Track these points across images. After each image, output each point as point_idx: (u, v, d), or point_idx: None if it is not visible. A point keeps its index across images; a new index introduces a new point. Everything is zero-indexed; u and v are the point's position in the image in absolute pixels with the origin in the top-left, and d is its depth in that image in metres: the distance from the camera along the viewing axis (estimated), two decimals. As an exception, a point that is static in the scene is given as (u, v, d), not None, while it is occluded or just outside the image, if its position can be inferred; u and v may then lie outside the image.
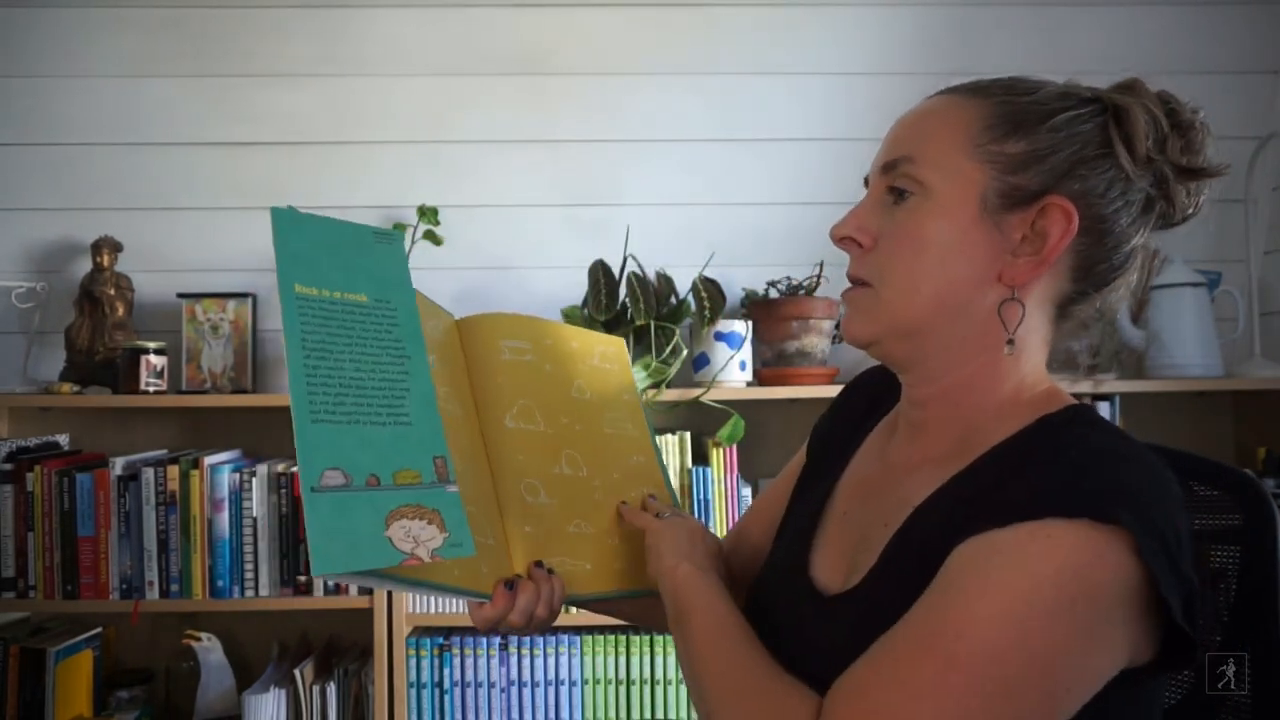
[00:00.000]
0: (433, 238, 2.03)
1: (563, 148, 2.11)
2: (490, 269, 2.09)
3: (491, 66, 2.10)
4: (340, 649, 1.94)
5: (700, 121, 2.11)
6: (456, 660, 1.81)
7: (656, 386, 1.83)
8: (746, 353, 1.90)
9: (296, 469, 1.77)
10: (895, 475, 0.76)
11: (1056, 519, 0.58)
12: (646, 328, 1.87)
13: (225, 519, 1.77)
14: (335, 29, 2.09)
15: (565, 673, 1.81)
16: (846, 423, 0.90)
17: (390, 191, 2.08)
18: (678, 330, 1.90)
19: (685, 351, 1.91)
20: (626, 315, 1.91)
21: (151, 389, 1.86)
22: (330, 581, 1.77)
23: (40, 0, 2.06)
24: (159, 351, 1.89)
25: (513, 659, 1.82)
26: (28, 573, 1.75)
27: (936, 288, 0.69)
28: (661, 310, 1.89)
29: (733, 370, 1.87)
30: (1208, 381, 1.87)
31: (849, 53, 2.12)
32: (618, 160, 2.11)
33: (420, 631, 1.85)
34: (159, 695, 1.93)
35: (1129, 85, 0.70)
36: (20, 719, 1.72)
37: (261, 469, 1.79)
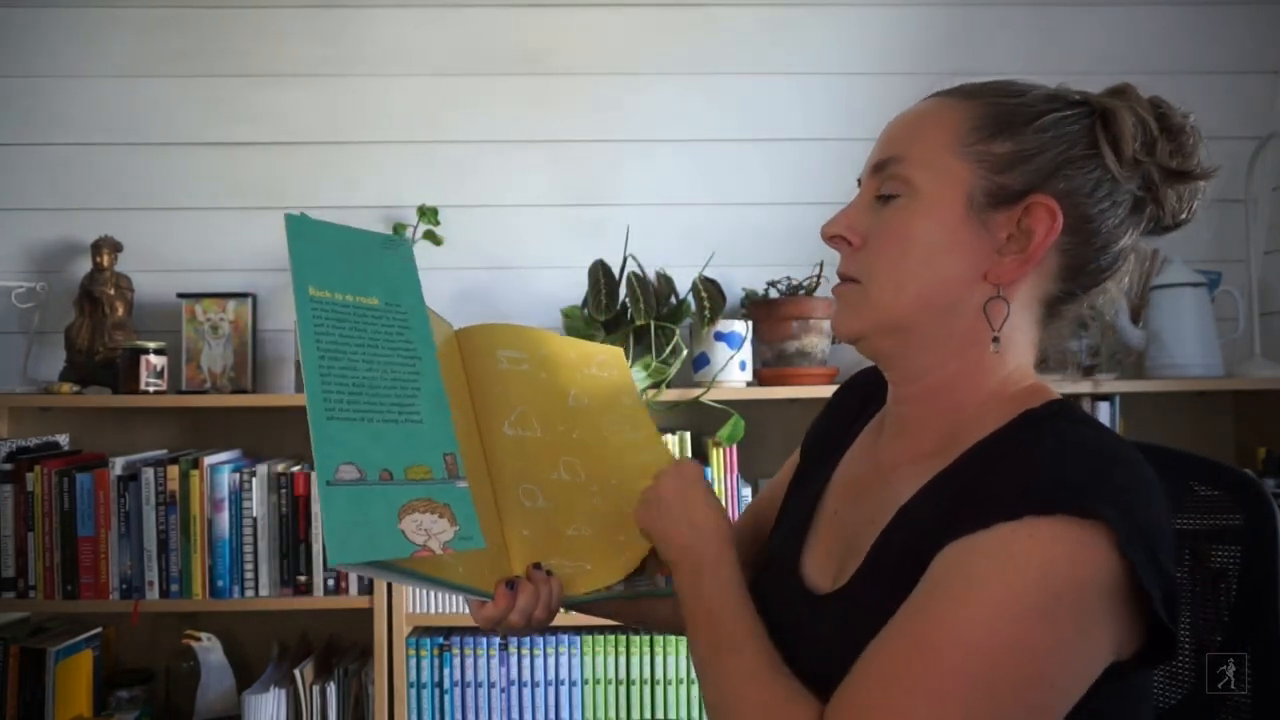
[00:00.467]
0: (433, 238, 2.03)
1: (563, 148, 2.11)
2: (490, 269, 2.09)
3: (491, 66, 2.10)
4: (340, 649, 1.94)
5: (700, 121, 2.11)
6: (456, 660, 1.81)
7: (656, 386, 1.83)
8: (746, 353, 1.90)
9: (298, 469, 1.78)
10: (882, 474, 0.77)
11: (1037, 517, 0.59)
12: (646, 328, 1.87)
13: (225, 519, 1.77)
14: (334, 28, 2.09)
15: (565, 673, 1.81)
16: (840, 422, 0.91)
17: (390, 191, 2.08)
18: (678, 330, 1.91)
19: (685, 351, 1.91)
20: (626, 315, 1.91)
21: (151, 389, 1.86)
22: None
23: (38, 0, 2.06)
24: (159, 351, 1.89)
25: (513, 659, 1.82)
26: (28, 573, 1.75)
27: (922, 285, 0.70)
28: (661, 310, 1.89)
29: (733, 370, 1.87)
30: (1208, 381, 1.87)
31: (850, 52, 2.12)
32: (618, 160, 2.11)
33: (420, 631, 1.85)
34: (159, 695, 1.93)
35: (1119, 90, 0.71)
36: (20, 719, 1.72)
37: (261, 469, 1.79)
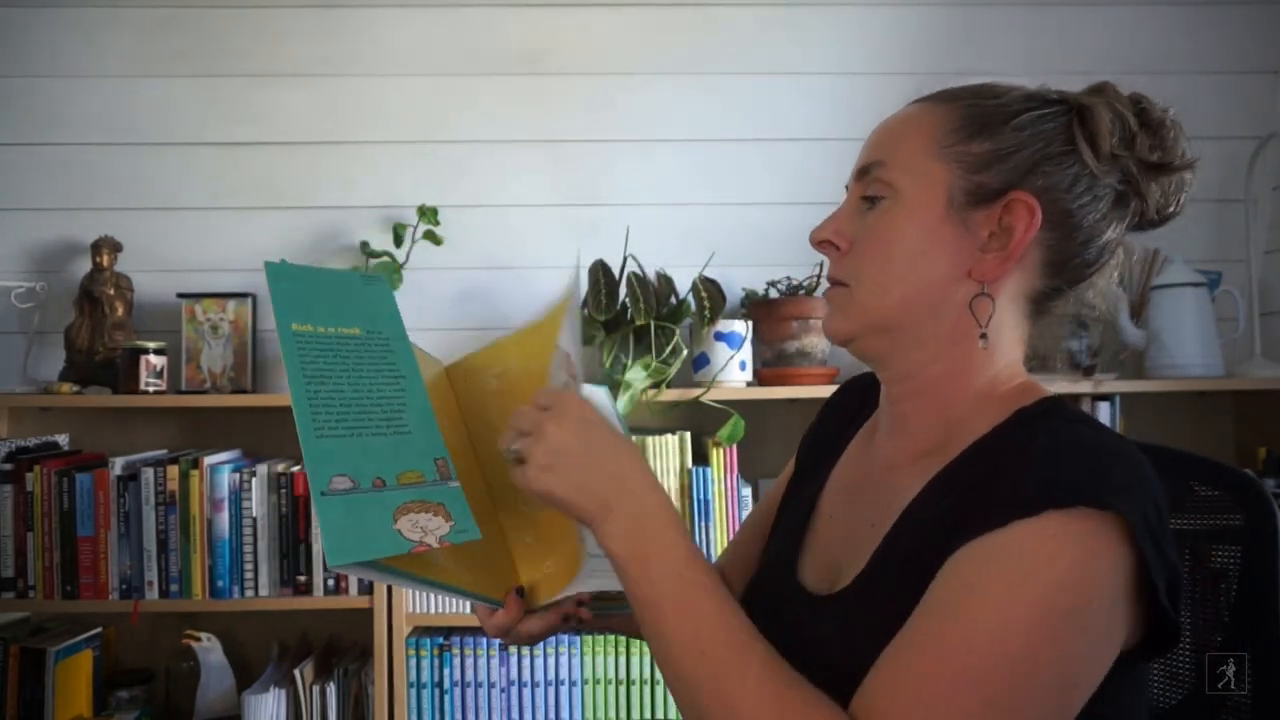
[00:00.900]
0: (433, 238, 2.03)
1: (562, 148, 2.11)
2: (490, 269, 2.09)
3: (490, 66, 2.10)
4: (340, 649, 1.94)
5: (700, 121, 2.11)
6: (456, 660, 1.81)
7: (656, 386, 1.83)
8: (746, 353, 1.90)
9: (298, 469, 1.78)
10: (879, 474, 0.77)
11: (1054, 511, 0.59)
12: (646, 328, 1.87)
13: (225, 519, 1.77)
14: (334, 28, 2.09)
15: (565, 673, 1.81)
16: (834, 427, 0.91)
17: (388, 191, 2.08)
18: (678, 330, 1.90)
19: (685, 351, 1.91)
20: (626, 315, 1.91)
21: (151, 389, 1.86)
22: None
23: (38, 0, 2.06)
24: (159, 351, 1.89)
25: (513, 659, 1.81)
26: (27, 573, 1.75)
27: (907, 286, 0.72)
28: (661, 310, 1.89)
29: (733, 370, 1.87)
30: (1208, 381, 1.86)
31: (850, 52, 2.11)
32: (617, 160, 2.11)
33: (420, 631, 1.84)
34: (159, 695, 1.93)
35: (1098, 88, 0.73)
36: (20, 719, 1.72)
37: (261, 469, 1.79)
